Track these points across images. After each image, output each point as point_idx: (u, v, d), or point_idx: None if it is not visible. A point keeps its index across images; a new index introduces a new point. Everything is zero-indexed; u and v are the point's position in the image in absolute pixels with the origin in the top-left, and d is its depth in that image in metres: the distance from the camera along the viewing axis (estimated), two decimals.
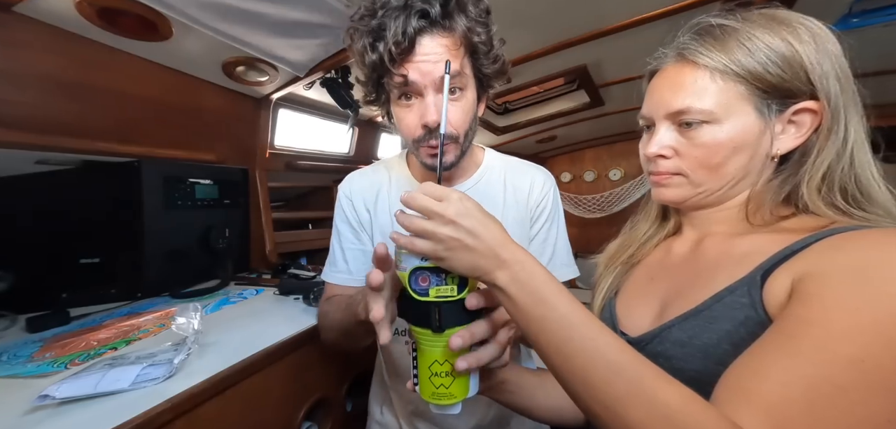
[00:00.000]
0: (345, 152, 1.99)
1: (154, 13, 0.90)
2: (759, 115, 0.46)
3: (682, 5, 1.18)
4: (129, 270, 1.08)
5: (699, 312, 0.44)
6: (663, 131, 0.51)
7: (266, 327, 0.89)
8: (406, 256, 0.43)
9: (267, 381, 0.79)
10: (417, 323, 0.44)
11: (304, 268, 1.47)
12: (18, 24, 0.84)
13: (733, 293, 0.42)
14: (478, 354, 0.45)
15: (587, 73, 1.73)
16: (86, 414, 0.56)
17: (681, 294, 0.49)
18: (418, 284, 0.43)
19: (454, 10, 0.57)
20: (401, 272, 0.44)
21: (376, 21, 0.55)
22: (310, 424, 0.94)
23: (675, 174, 0.51)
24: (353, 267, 0.76)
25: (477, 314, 0.45)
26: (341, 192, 0.79)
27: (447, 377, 0.46)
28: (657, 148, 0.51)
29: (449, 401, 0.46)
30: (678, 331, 0.45)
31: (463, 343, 0.43)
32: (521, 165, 0.78)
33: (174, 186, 1.15)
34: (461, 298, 0.43)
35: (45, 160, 1.02)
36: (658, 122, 0.51)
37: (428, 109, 0.58)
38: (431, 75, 0.57)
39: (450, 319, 0.43)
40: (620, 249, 0.64)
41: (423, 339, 0.45)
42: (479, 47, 0.61)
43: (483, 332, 0.45)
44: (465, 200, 0.41)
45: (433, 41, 0.57)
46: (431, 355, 0.45)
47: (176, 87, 1.18)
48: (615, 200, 3.50)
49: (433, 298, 0.43)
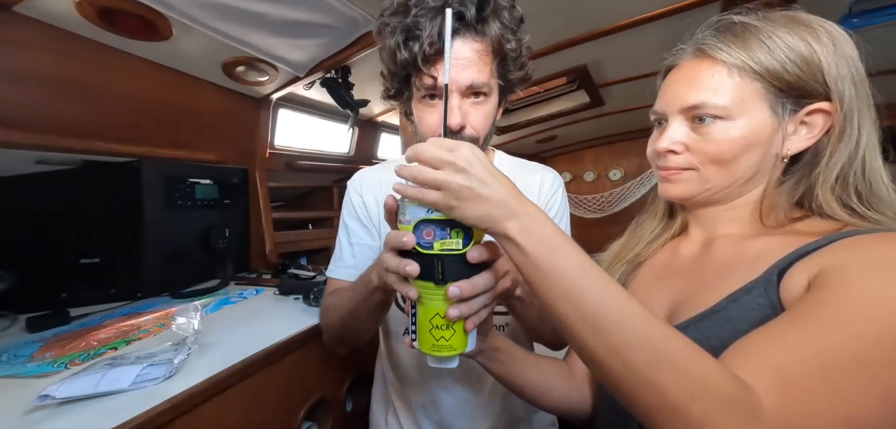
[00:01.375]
0: (345, 152, 1.99)
1: (154, 13, 0.90)
2: (772, 113, 0.46)
3: (682, 5, 1.18)
4: (129, 270, 1.08)
5: (715, 313, 0.44)
6: (676, 126, 0.50)
7: (266, 327, 0.89)
8: (410, 209, 0.44)
9: (267, 381, 0.79)
10: (420, 276, 0.44)
11: (304, 268, 1.47)
12: (18, 24, 0.84)
13: (749, 293, 0.42)
14: (471, 303, 0.45)
15: (587, 73, 1.74)
16: (86, 414, 0.56)
17: (692, 297, 0.49)
18: (423, 237, 0.43)
19: (489, 16, 0.57)
20: (404, 225, 0.44)
21: (411, 19, 0.55)
22: (310, 424, 0.94)
23: (684, 169, 0.51)
24: (361, 262, 0.75)
25: (478, 269, 0.45)
26: (351, 187, 0.78)
27: (448, 330, 0.46)
28: (668, 142, 0.51)
29: (448, 353, 0.47)
30: (694, 331, 0.44)
31: (462, 293, 0.43)
32: (530, 164, 0.79)
33: (174, 186, 1.15)
34: (465, 251, 0.44)
35: (45, 160, 1.02)
36: (671, 116, 0.51)
37: (453, 111, 0.58)
38: (458, 82, 0.57)
39: (452, 271, 0.44)
40: (625, 247, 0.64)
41: (426, 291, 0.45)
42: (509, 54, 0.61)
43: (484, 283, 0.45)
44: (476, 151, 0.41)
45: (465, 45, 0.57)
46: (433, 307, 0.46)
47: (176, 88, 1.18)
48: (615, 200, 3.50)
49: (437, 251, 0.43)
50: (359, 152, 2.04)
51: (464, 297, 0.44)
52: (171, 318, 0.74)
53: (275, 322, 0.93)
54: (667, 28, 1.30)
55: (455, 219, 0.42)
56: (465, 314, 0.45)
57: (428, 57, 0.55)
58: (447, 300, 0.44)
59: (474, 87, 0.58)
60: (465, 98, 0.60)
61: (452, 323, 0.46)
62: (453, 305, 0.44)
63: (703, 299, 0.46)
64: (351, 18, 1.08)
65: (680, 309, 0.50)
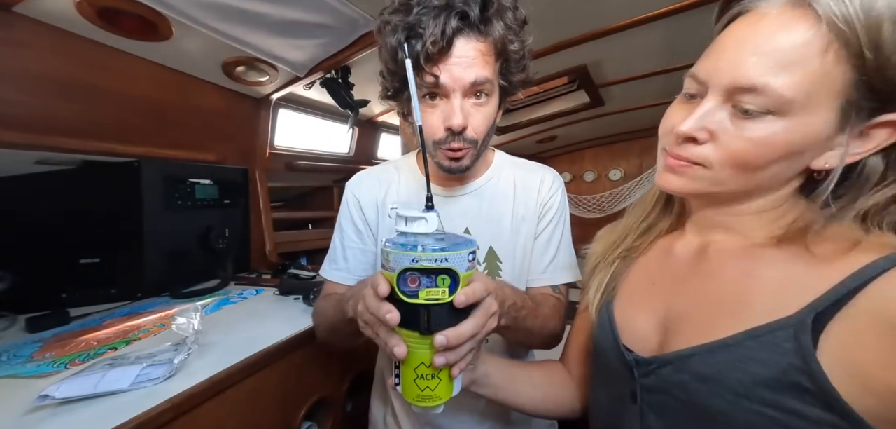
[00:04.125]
0: (345, 152, 1.99)
1: (154, 13, 0.90)
2: (841, 116, 0.35)
3: (682, 5, 1.18)
4: (129, 270, 1.08)
5: (727, 347, 0.38)
6: (712, 108, 0.39)
7: (266, 327, 0.89)
8: (395, 257, 0.42)
9: (267, 381, 0.79)
10: (405, 325, 0.43)
11: (304, 268, 1.47)
12: (18, 24, 0.84)
13: (775, 333, 0.36)
14: (457, 351, 0.44)
15: (587, 73, 1.73)
16: (86, 414, 0.56)
17: (693, 315, 0.44)
18: (407, 286, 0.42)
19: (493, 16, 0.56)
20: (389, 273, 0.43)
21: (413, 17, 0.54)
22: (310, 424, 0.94)
23: (696, 164, 0.41)
24: (353, 265, 0.75)
25: (464, 315, 0.44)
26: (349, 190, 0.78)
27: (433, 379, 0.45)
28: (695, 127, 0.40)
29: (433, 403, 0.46)
30: (701, 363, 0.40)
31: (448, 342, 0.42)
32: (530, 164, 0.79)
33: (174, 186, 1.15)
34: (451, 299, 0.43)
35: (45, 160, 1.02)
36: (711, 92, 0.39)
37: (454, 111, 0.58)
38: (461, 81, 0.57)
39: (439, 321, 0.43)
40: (618, 238, 0.58)
41: (410, 340, 0.44)
42: (512, 56, 0.60)
43: (472, 329, 0.44)
44: None
45: (468, 45, 0.56)
46: (417, 357, 0.45)
47: (176, 87, 1.18)
48: (615, 200, 3.50)
49: (423, 300, 0.42)
50: (359, 152, 2.04)
51: (450, 346, 0.43)
52: (171, 318, 0.74)
53: (275, 322, 0.93)
54: (667, 28, 1.30)
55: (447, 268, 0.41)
56: (452, 362, 0.44)
57: (430, 55, 0.54)
58: (433, 349, 0.43)
59: (477, 84, 0.58)
60: (467, 98, 0.59)
61: (438, 371, 0.45)
62: (439, 354, 0.43)
63: (709, 324, 0.41)
64: (351, 18, 1.08)
65: (678, 327, 0.45)
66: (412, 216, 0.45)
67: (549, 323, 0.66)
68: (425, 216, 0.44)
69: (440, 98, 0.59)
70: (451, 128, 0.58)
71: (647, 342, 0.47)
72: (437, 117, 0.60)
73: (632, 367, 0.46)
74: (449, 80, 0.56)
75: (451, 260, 0.41)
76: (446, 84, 0.57)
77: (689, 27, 1.28)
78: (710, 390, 0.38)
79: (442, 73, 0.56)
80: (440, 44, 0.54)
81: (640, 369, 0.46)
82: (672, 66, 1.64)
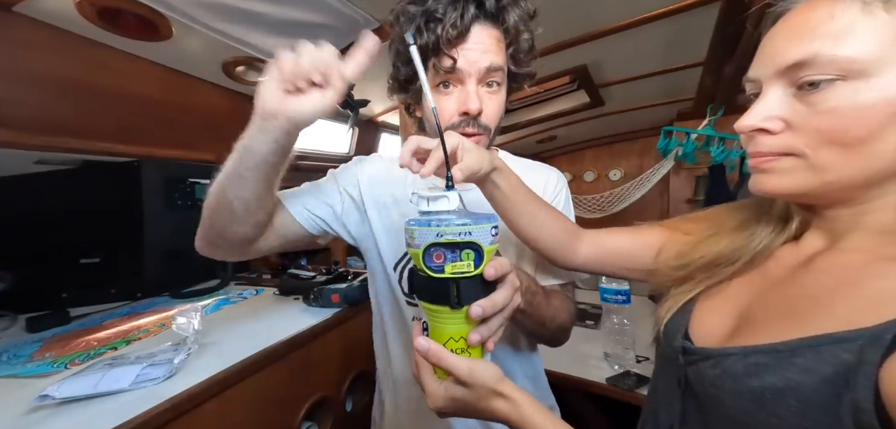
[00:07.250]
0: (345, 152, 1.99)
1: (154, 13, 0.90)
2: None
3: (682, 5, 1.18)
4: (129, 270, 1.08)
5: (776, 351, 0.34)
6: (772, 95, 0.37)
7: (266, 327, 0.89)
8: (420, 233, 0.42)
9: (267, 381, 0.79)
10: (433, 300, 0.43)
11: (304, 268, 1.47)
12: (18, 24, 0.83)
13: (840, 343, 0.30)
14: (490, 324, 0.44)
15: (587, 73, 1.73)
16: (86, 414, 0.56)
17: (767, 315, 0.39)
18: (433, 261, 0.43)
19: (508, 4, 0.58)
20: (414, 250, 0.44)
21: (431, 4, 0.56)
22: (310, 424, 0.94)
23: (784, 155, 0.37)
24: (314, 209, 0.67)
25: (491, 288, 0.45)
26: (356, 158, 0.77)
27: (463, 353, 0.45)
28: (760, 118, 0.37)
29: None
30: (737, 362, 0.36)
31: (484, 312, 0.43)
32: (534, 164, 0.79)
33: (174, 186, 1.15)
34: (479, 272, 0.43)
35: (45, 160, 1.02)
36: (766, 82, 0.37)
37: (470, 96, 0.59)
38: (477, 65, 0.58)
39: (468, 293, 0.43)
40: (725, 259, 0.48)
41: (439, 316, 0.45)
42: (523, 45, 0.62)
43: (504, 299, 0.44)
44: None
45: (483, 32, 0.58)
46: (447, 331, 0.45)
47: (176, 88, 1.18)
48: (615, 200, 3.49)
49: (449, 274, 0.43)
50: (359, 152, 2.03)
51: (486, 316, 0.43)
52: (172, 318, 0.74)
53: (275, 322, 0.93)
54: (667, 28, 1.30)
55: (470, 242, 0.41)
56: (486, 337, 0.44)
57: (450, 39, 0.56)
58: (468, 321, 0.43)
59: (492, 70, 0.59)
60: (481, 85, 0.60)
61: (468, 347, 0.45)
62: (475, 330, 0.44)
63: (776, 327, 0.36)
64: (351, 18, 1.08)
65: (747, 326, 0.40)
66: (434, 196, 0.45)
67: (560, 315, 0.66)
68: (447, 194, 0.45)
69: (453, 86, 0.61)
70: (469, 111, 0.59)
71: (710, 336, 0.44)
72: (452, 103, 0.61)
73: (679, 354, 0.45)
74: (465, 65, 0.58)
75: (474, 234, 0.42)
76: (462, 69, 0.58)
77: (689, 27, 1.28)
78: (736, 390, 0.36)
79: (459, 57, 0.58)
80: (459, 27, 0.56)
81: (686, 357, 0.44)
82: (672, 66, 1.64)
